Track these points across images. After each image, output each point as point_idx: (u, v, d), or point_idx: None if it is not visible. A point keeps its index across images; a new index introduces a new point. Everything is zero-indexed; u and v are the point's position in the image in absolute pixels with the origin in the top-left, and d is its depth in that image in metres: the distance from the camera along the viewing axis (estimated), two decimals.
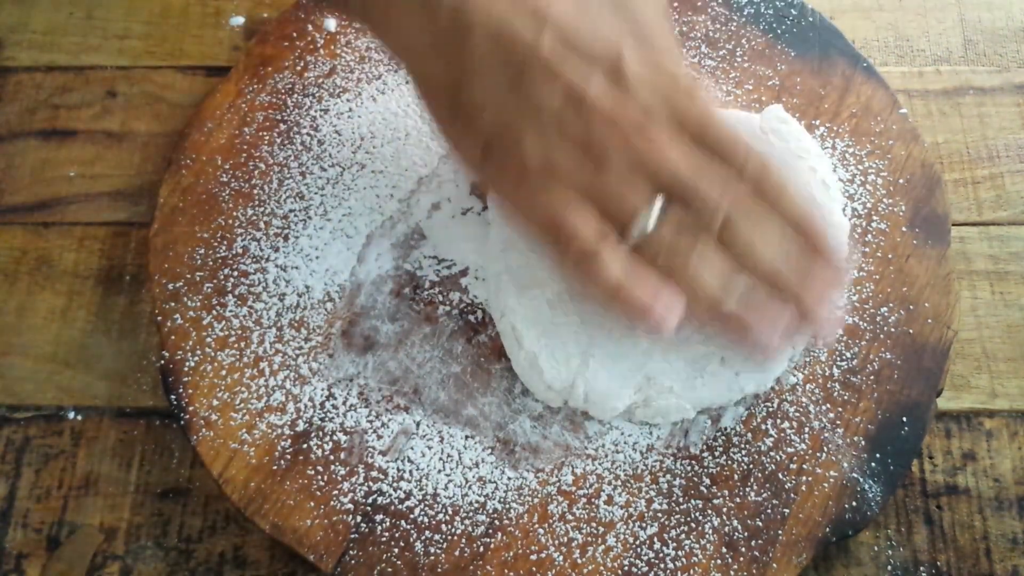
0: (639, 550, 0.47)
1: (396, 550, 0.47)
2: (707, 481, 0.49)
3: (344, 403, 0.50)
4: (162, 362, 0.51)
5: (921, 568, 0.49)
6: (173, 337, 0.51)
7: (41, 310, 0.56)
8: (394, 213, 0.55)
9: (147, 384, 0.53)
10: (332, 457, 0.49)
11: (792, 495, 0.48)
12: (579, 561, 0.47)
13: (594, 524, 0.48)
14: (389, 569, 0.47)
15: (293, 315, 0.52)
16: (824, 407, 0.50)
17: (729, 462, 0.49)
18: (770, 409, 0.50)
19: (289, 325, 0.52)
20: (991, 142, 0.60)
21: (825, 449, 0.49)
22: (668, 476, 0.49)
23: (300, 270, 0.53)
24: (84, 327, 0.55)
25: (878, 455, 0.49)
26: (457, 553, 0.47)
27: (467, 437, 0.50)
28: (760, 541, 0.47)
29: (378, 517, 0.48)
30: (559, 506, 0.48)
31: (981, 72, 0.62)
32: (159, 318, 0.52)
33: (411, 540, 0.47)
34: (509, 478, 0.49)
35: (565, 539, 0.47)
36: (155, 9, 0.64)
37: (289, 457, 0.49)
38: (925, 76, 0.62)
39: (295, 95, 0.58)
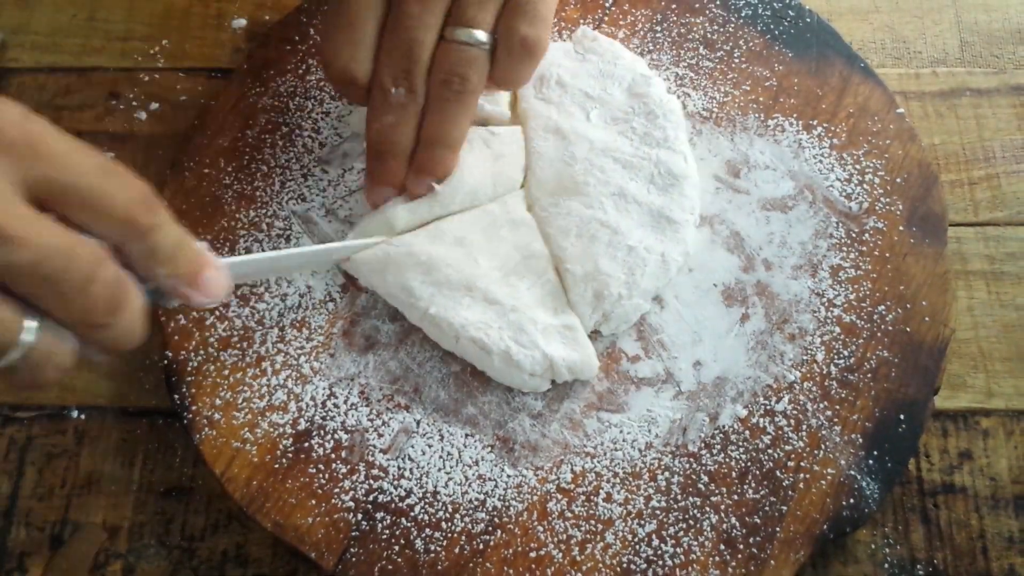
0: (638, 547, 0.48)
1: (397, 548, 0.48)
2: (705, 479, 0.49)
3: (345, 402, 0.51)
4: (165, 362, 0.51)
5: (918, 566, 0.50)
6: (176, 337, 0.52)
7: None
8: None
9: (150, 383, 0.54)
10: (333, 455, 0.49)
11: (790, 492, 0.49)
12: (578, 558, 0.47)
13: (593, 521, 0.48)
14: (390, 566, 0.47)
15: (295, 315, 0.53)
16: (822, 405, 0.50)
17: (727, 460, 0.49)
18: (768, 407, 0.50)
19: (291, 325, 0.52)
20: (987, 143, 0.60)
21: (823, 447, 0.50)
22: (666, 473, 0.49)
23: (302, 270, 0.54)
24: None
25: (875, 453, 0.49)
26: (457, 550, 0.48)
27: (467, 435, 0.50)
28: (758, 538, 0.48)
29: (379, 515, 0.48)
30: (558, 504, 0.48)
31: (977, 73, 0.62)
32: (162, 318, 0.52)
33: (412, 538, 0.48)
34: (509, 476, 0.49)
35: (564, 536, 0.48)
36: (157, 11, 0.64)
37: (291, 456, 0.49)
38: (922, 77, 0.62)
39: (297, 98, 0.58)
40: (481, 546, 0.48)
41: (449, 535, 0.48)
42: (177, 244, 0.38)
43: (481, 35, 0.48)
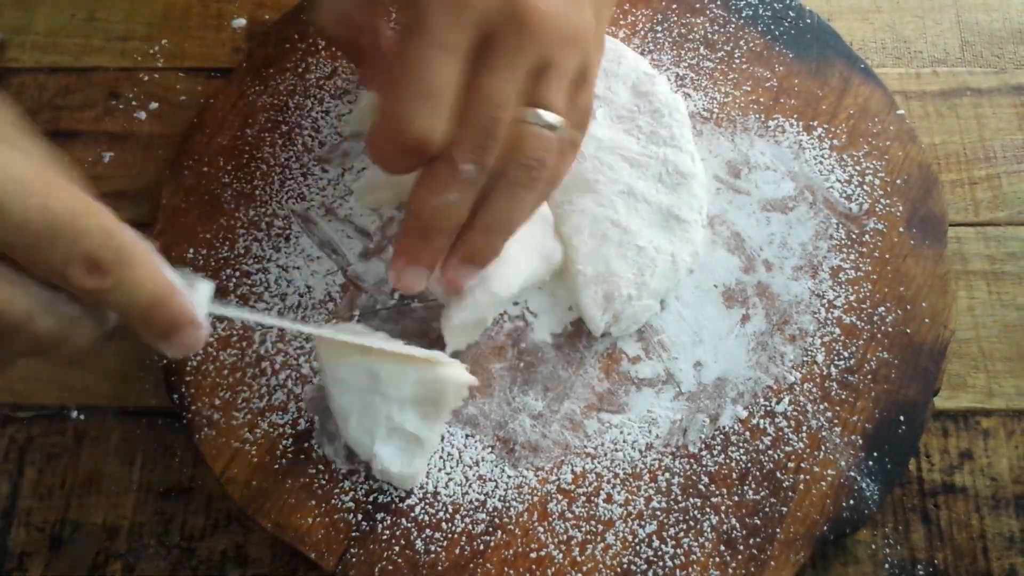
0: (638, 548, 0.48)
1: (397, 548, 0.48)
2: (705, 479, 0.49)
3: None
4: (164, 362, 0.51)
5: (918, 566, 0.50)
6: None
7: None
8: (394, 214, 0.55)
9: (150, 383, 0.54)
10: (333, 456, 0.49)
11: (790, 493, 0.49)
12: (578, 559, 0.47)
13: (593, 522, 0.48)
14: (390, 567, 0.47)
15: (294, 315, 0.53)
16: (822, 406, 0.50)
17: (727, 461, 0.49)
18: (768, 408, 0.50)
19: None
20: (988, 143, 0.60)
21: (823, 448, 0.50)
22: (667, 474, 0.49)
23: (301, 270, 0.54)
24: None
25: (876, 454, 0.49)
26: (457, 551, 0.48)
27: (467, 436, 0.50)
28: (758, 539, 0.48)
29: (379, 515, 0.48)
30: (559, 504, 0.48)
31: (978, 73, 0.62)
32: None
33: (412, 538, 0.48)
34: (509, 476, 0.49)
35: (564, 537, 0.48)
36: (157, 11, 0.64)
37: (291, 456, 0.49)
38: (922, 77, 0.62)
39: (296, 96, 0.58)
40: (481, 547, 0.48)
41: (449, 536, 0.48)
42: (146, 304, 0.37)
43: (561, 120, 0.44)
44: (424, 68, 0.42)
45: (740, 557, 0.47)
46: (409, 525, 0.48)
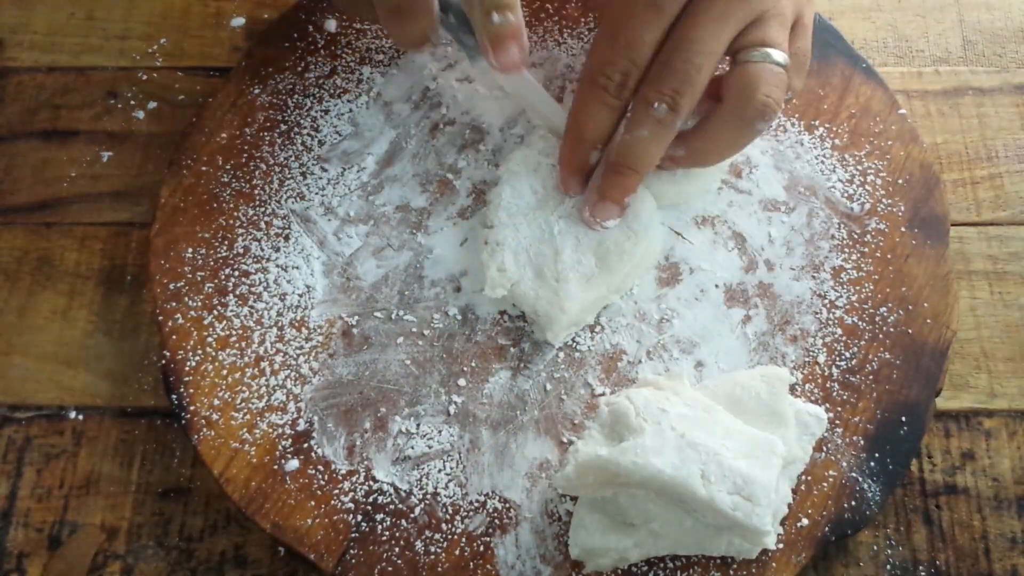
0: None
1: (397, 549, 0.47)
2: None
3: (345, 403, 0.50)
4: (163, 362, 0.51)
5: (920, 567, 0.49)
6: (174, 337, 0.52)
7: (42, 310, 0.56)
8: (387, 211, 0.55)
9: (148, 384, 0.54)
10: (333, 456, 0.49)
11: (791, 494, 0.48)
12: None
13: None
14: (389, 568, 0.47)
15: (294, 315, 0.52)
16: (823, 407, 0.50)
17: None
18: None
19: (290, 325, 0.52)
20: (990, 142, 0.60)
21: (824, 449, 0.49)
22: None
23: (301, 270, 0.53)
24: (85, 327, 0.55)
25: (877, 455, 0.49)
26: (458, 552, 0.47)
27: (468, 436, 0.50)
28: None
29: (378, 516, 0.48)
30: (560, 506, 0.48)
31: (980, 72, 0.62)
32: (160, 318, 0.52)
33: (411, 539, 0.48)
34: (509, 477, 0.49)
35: (566, 539, 0.48)
36: (156, 10, 0.64)
37: (290, 456, 0.49)
38: (924, 77, 0.62)
39: (296, 96, 0.58)
40: (482, 548, 0.47)
41: (449, 537, 0.48)
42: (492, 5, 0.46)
43: (786, 58, 0.47)
44: (625, 26, 0.47)
45: (741, 558, 0.47)
46: (409, 526, 0.48)
